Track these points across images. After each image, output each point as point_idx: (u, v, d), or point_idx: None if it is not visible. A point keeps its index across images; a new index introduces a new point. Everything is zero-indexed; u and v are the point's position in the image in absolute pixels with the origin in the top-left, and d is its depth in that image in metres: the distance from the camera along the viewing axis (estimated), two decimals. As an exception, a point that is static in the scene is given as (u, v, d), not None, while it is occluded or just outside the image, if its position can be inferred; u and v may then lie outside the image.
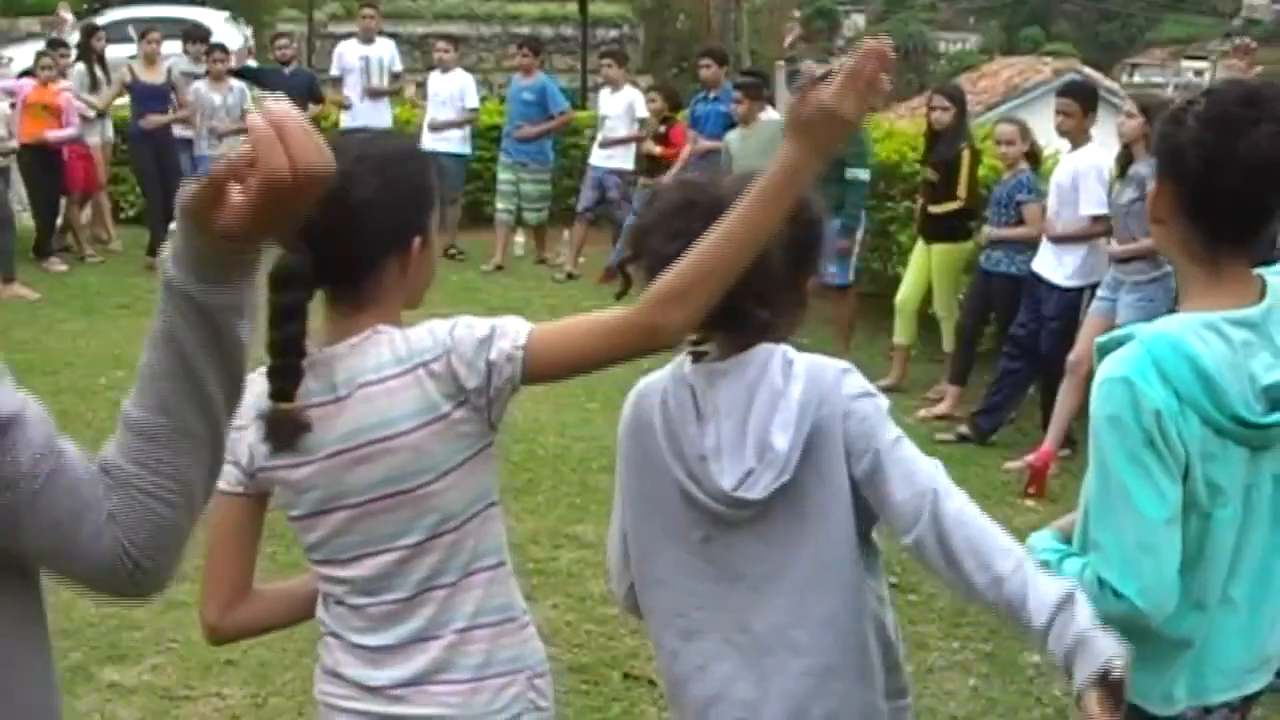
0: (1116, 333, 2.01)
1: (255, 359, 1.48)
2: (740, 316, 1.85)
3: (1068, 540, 2.09)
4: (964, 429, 6.55)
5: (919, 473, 1.82)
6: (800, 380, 1.85)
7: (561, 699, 3.84)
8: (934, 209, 7.22)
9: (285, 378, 1.73)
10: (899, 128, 9.91)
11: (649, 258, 1.83)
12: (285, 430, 1.75)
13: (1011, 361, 6.60)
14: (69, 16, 10.68)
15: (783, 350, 1.90)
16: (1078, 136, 6.30)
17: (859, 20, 44.77)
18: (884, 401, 1.90)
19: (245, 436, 1.81)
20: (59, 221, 10.40)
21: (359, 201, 1.73)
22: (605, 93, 10.44)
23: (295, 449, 1.78)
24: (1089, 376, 2.03)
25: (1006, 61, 26.80)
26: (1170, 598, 1.89)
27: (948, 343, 7.29)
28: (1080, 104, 6.31)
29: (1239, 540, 1.97)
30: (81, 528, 1.26)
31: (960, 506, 1.81)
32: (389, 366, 1.76)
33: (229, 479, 1.83)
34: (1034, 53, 31.74)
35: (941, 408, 6.97)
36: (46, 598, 1.39)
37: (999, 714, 3.89)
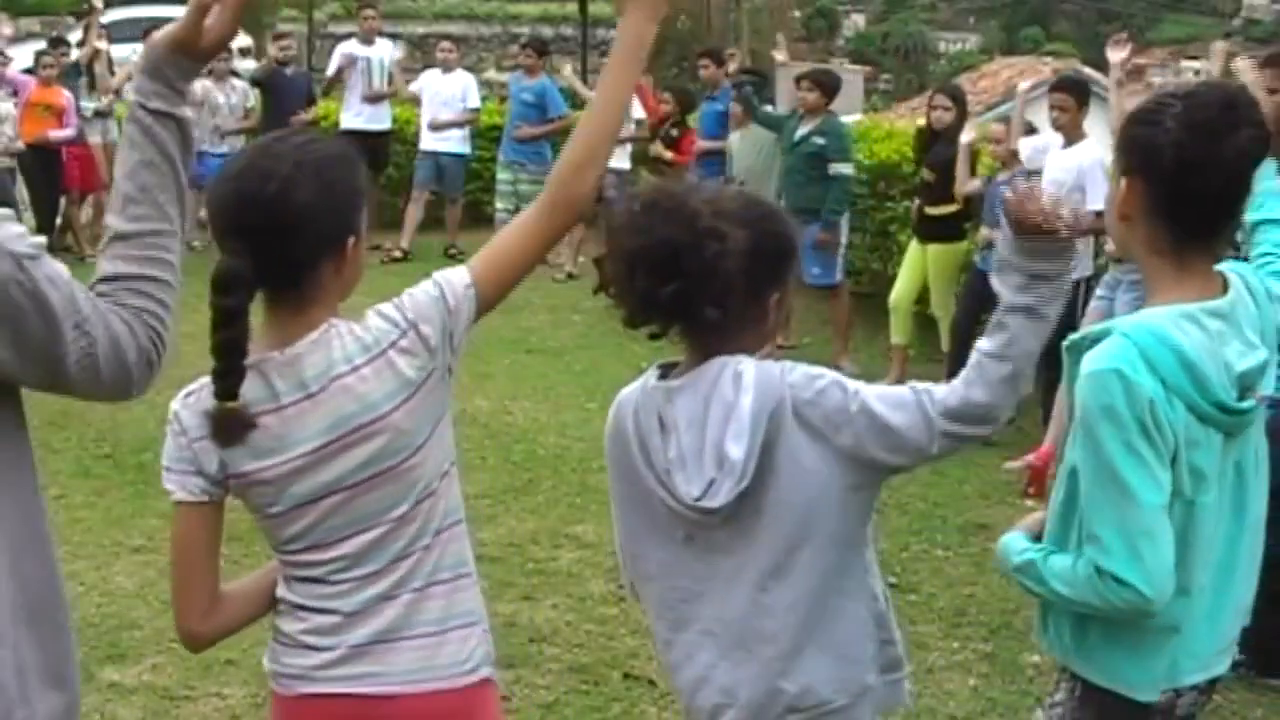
0: (1088, 330, 2.06)
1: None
2: (695, 311, 1.91)
3: (1037, 539, 2.12)
4: (964, 429, 6.54)
5: (898, 394, 1.93)
6: (750, 391, 1.92)
7: (562, 699, 3.87)
8: (931, 210, 7.21)
9: (229, 378, 1.80)
10: (899, 128, 9.90)
11: (619, 251, 1.94)
12: (231, 428, 1.81)
13: (1010, 361, 6.59)
14: (99, 3, 10.68)
15: (735, 362, 1.95)
16: (1072, 131, 6.29)
17: (859, 20, 44.75)
18: (834, 374, 1.97)
19: (211, 445, 1.85)
20: (58, 221, 10.41)
21: (301, 205, 1.80)
22: (604, 90, 10.39)
23: (271, 450, 1.83)
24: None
25: (1006, 61, 26.83)
26: (1171, 582, 1.93)
27: (946, 342, 7.29)
28: (1076, 98, 6.32)
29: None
30: (126, 336, 1.56)
31: (945, 386, 1.92)
32: (358, 356, 1.84)
33: (192, 489, 1.87)
34: (1034, 53, 31.70)
35: (941, 408, 6.96)
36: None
37: (999, 714, 3.89)
